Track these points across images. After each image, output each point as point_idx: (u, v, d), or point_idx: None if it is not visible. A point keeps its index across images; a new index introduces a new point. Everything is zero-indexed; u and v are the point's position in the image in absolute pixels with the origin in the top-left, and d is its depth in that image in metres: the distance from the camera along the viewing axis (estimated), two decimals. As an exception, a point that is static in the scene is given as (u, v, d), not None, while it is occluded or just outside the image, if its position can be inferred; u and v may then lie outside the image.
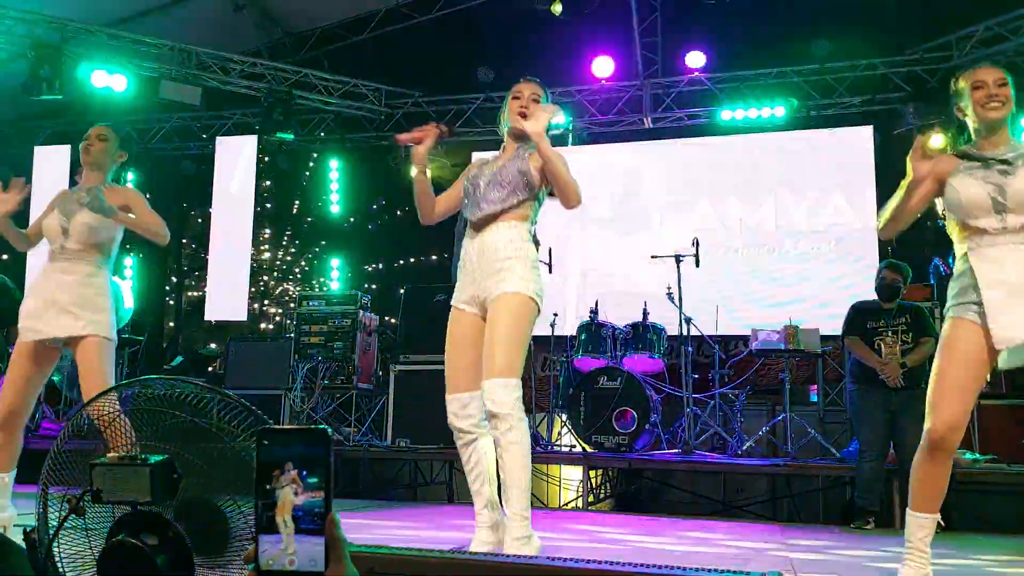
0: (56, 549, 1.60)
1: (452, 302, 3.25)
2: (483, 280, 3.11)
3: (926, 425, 2.67)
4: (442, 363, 3.26)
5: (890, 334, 5.06)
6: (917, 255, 6.61)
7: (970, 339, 2.66)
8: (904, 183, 2.83)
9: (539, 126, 3.04)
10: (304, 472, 0.93)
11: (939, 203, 2.90)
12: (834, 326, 7.04)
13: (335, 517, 0.94)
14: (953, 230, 2.84)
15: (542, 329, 5.22)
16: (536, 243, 3.24)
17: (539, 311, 3.13)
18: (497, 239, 3.12)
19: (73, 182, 3.80)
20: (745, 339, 7.17)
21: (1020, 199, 2.67)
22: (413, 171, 3.31)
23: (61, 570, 1.59)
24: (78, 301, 3.46)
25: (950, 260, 3.41)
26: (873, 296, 5.36)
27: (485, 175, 3.23)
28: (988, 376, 2.73)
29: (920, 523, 2.70)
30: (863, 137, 8.62)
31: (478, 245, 3.16)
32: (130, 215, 3.58)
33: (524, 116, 3.23)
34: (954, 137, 2.96)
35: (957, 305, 2.73)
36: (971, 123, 2.87)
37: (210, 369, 9.34)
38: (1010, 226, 2.68)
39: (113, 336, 3.55)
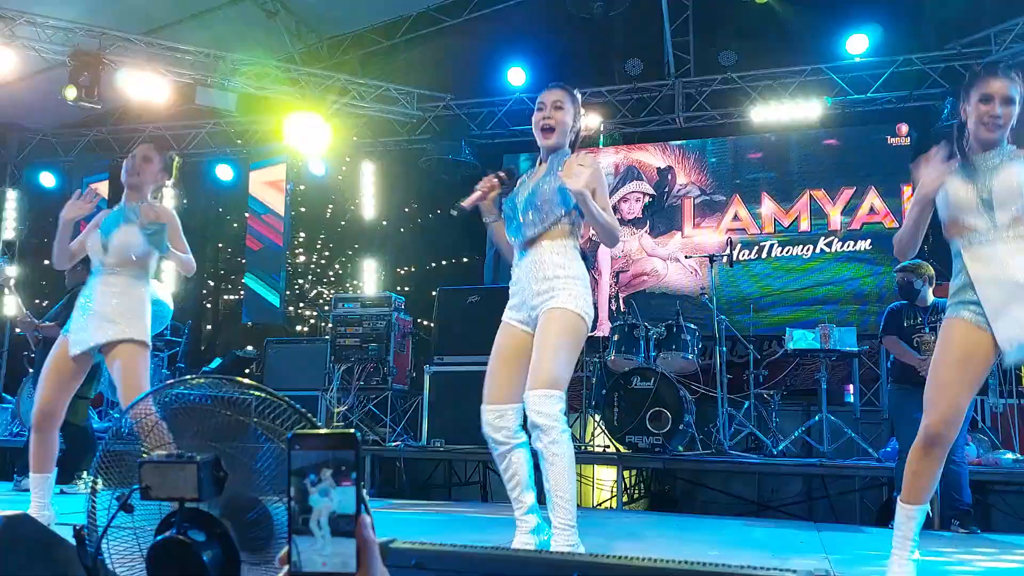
0: (105, 546, 1.64)
1: (503, 318, 3.26)
2: (532, 298, 3.11)
3: (923, 421, 2.72)
4: (475, 364, 3.29)
5: (927, 331, 5.01)
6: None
7: (965, 338, 2.70)
8: (912, 206, 2.87)
9: (580, 184, 2.99)
10: (336, 475, 0.94)
11: None
12: (870, 325, 6.98)
13: (366, 519, 0.96)
14: (947, 229, 2.85)
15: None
16: (584, 257, 3.23)
17: (588, 329, 3.12)
18: (544, 259, 3.11)
19: (114, 192, 3.91)
20: (780, 339, 7.11)
21: (1003, 196, 2.69)
22: (486, 221, 3.30)
23: (110, 567, 1.63)
24: (119, 310, 3.58)
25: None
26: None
27: (522, 196, 3.21)
28: (988, 370, 2.76)
29: (911, 514, 2.75)
30: (899, 134, 8.50)
31: (526, 266, 3.16)
32: (176, 252, 3.69)
33: (549, 129, 3.22)
34: (958, 133, 2.95)
35: (954, 304, 2.77)
36: (969, 125, 2.85)
37: (247, 371, 9.45)
38: (999, 223, 2.70)
39: (148, 341, 3.65)
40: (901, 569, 2.73)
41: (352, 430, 0.98)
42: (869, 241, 8.42)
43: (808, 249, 8.61)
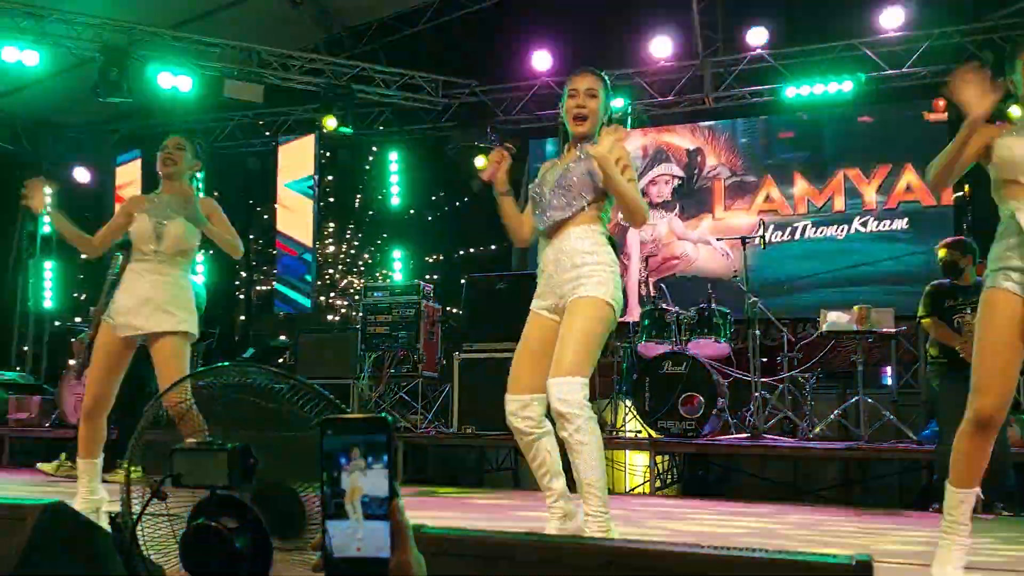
0: (140, 533, 1.64)
1: (531, 307, 3.23)
2: (560, 286, 3.07)
3: (972, 404, 2.62)
4: (504, 351, 3.27)
5: (969, 311, 4.90)
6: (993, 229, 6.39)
7: (1007, 312, 2.60)
8: (962, 129, 2.72)
9: (602, 149, 2.94)
10: (369, 458, 0.93)
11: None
12: (908, 306, 6.87)
13: (399, 503, 0.95)
14: (999, 191, 2.74)
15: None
16: (613, 244, 3.18)
17: (616, 317, 3.07)
18: (572, 245, 3.07)
19: (148, 184, 3.96)
20: (814, 321, 7.01)
21: None
22: (498, 193, 3.23)
23: (146, 553, 1.64)
24: (173, 301, 3.66)
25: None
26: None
27: (549, 181, 3.17)
28: None
29: (962, 498, 2.67)
30: (936, 110, 8.32)
31: (553, 253, 3.11)
32: (213, 228, 3.75)
33: (583, 118, 3.17)
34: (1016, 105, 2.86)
35: (995, 272, 2.66)
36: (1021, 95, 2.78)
37: (280, 360, 9.54)
38: None
39: (196, 333, 3.74)
40: (952, 554, 2.66)
41: (384, 414, 0.97)
42: (906, 220, 8.27)
43: (843, 229, 8.48)
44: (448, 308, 8.52)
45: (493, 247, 10.37)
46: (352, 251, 13.49)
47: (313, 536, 1.59)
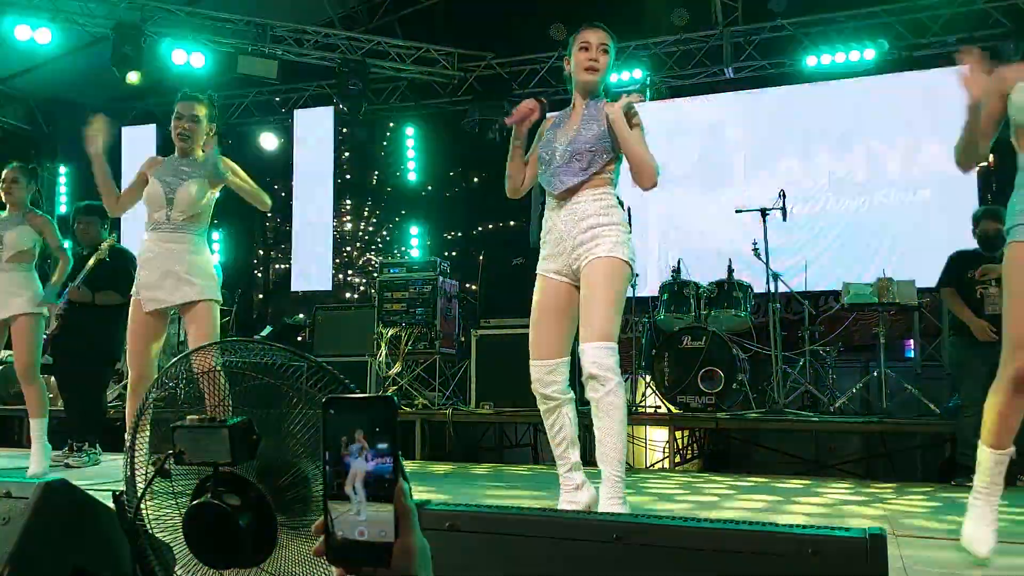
0: (144, 511, 1.63)
1: (539, 271, 3.21)
2: (573, 248, 3.07)
3: (1008, 364, 2.55)
4: (522, 327, 3.26)
5: (993, 283, 4.79)
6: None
7: None
8: (967, 114, 2.66)
9: (617, 105, 3.00)
10: (373, 439, 0.90)
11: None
12: (932, 278, 6.75)
13: (403, 486, 0.91)
14: (1018, 139, 2.65)
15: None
16: (621, 204, 3.19)
17: (633, 274, 3.12)
18: (585, 208, 3.08)
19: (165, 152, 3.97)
20: (836, 294, 6.91)
21: None
22: (515, 143, 3.27)
23: (150, 531, 1.62)
24: (192, 270, 3.69)
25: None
26: (974, 244, 5.08)
27: (560, 142, 3.16)
28: None
29: (999, 459, 2.61)
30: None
31: (565, 215, 3.11)
32: (237, 180, 3.78)
33: (594, 70, 3.14)
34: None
35: (1017, 226, 2.57)
36: None
37: (299, 338, 9.56)
38: None
39: (220, 299, 3.78)
40: (986, 516, 2.59)
41: (388, 394, 0.94)
42: (929, 190, 8.11)
43: (865, 200, 8.34)
44: (466, 284, 8.49)
45: (511, 223, 10.32)
46: (371, 228, 13.48)
47: (318, 515, 1.56)
